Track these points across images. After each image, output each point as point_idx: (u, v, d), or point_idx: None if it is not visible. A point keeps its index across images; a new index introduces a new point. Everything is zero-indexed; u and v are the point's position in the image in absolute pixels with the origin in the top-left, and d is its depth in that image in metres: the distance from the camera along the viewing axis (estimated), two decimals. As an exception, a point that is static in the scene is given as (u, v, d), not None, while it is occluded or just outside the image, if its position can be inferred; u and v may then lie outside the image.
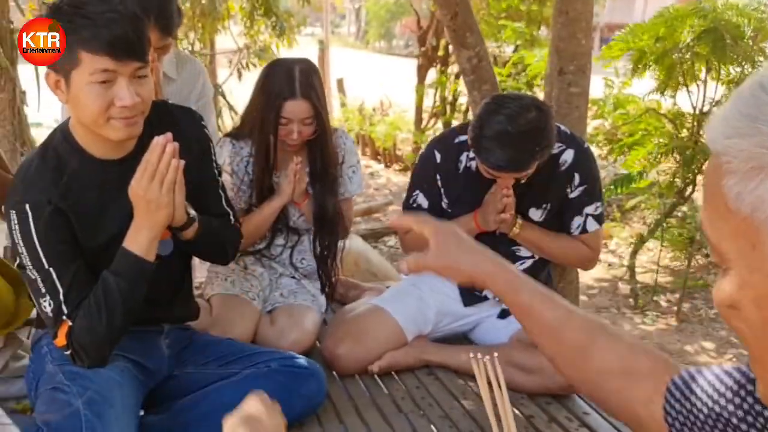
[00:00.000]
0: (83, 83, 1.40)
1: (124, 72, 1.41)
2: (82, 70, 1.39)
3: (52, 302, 1.47)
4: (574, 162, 2.07)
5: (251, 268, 2.31)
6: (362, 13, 27.77)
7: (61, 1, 1.43)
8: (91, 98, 1.41)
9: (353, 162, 2.34)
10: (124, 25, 1.39)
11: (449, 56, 7.16)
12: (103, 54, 1.38)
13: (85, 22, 1.37)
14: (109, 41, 1.37)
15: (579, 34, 2.49)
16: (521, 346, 2.10)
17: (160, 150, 1.45)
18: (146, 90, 1.47)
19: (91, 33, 1.37)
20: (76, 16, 1.38)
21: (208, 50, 6.44)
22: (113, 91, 1.41)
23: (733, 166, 0.49)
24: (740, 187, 0.48)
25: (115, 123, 1.44)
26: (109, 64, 1.39)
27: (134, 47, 1.41)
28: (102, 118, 1.43)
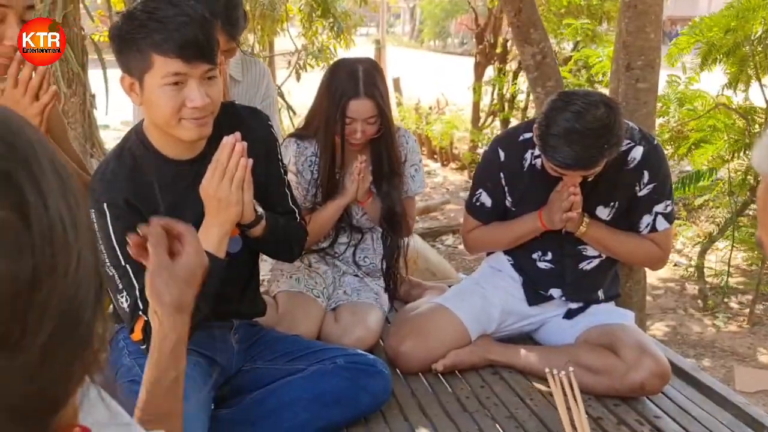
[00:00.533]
0: (156, 86, 1.45)
1: (194, 74, 1.45)
2: (155, 73, 1.44)
3: (128, 298, 1.53)
4: (643, 159, 2.02)
5: (315, 266, 2.34)
6: (417, 12, 27.74)
7: (135, 7, 1.48)
8: (164, 100, 1.46)
9: (415, 160, 2.35)
10: (194, 29, 1.43)
11: (507, 53, 7.08)
12: (175, 57, 1.42)
13: (157, 26, 1.42)
14: (180, 44, 1.41)
15: (648, 28, 2.42)
16: (588, 347, 2.07)
17: (229, 149, 1.48)
18: (215, 91, 1.51)
19: (163, 37, 1.41)
20: (149, 20, 1.42)
21: (267, 52, 6.54)
22: (184, 92, 1.46)
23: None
24: None
25: (186, 123, 1.49)
26: (180, 66, 1.43)
27: (204, 50, 1.45)
28: (174, 119, 1.48)
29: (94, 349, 0.45)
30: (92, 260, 0.45)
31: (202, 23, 1.46)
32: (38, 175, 0.42)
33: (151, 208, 1.56)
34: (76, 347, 0.43)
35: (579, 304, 2.18)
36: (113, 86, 3.12)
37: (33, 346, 0.40)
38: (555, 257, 2.16)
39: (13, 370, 0.39)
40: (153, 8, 1.44)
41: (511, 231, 2.15)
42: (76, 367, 0.44)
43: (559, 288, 2.18)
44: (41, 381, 0.41)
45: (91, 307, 0.44)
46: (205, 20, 1.47)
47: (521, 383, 2.07)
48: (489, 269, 2.31)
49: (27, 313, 0.40)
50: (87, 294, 0.43)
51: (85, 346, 0.44)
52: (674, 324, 4.16)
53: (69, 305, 0.42)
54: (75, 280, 0.42)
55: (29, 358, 0.40)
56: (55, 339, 0.41)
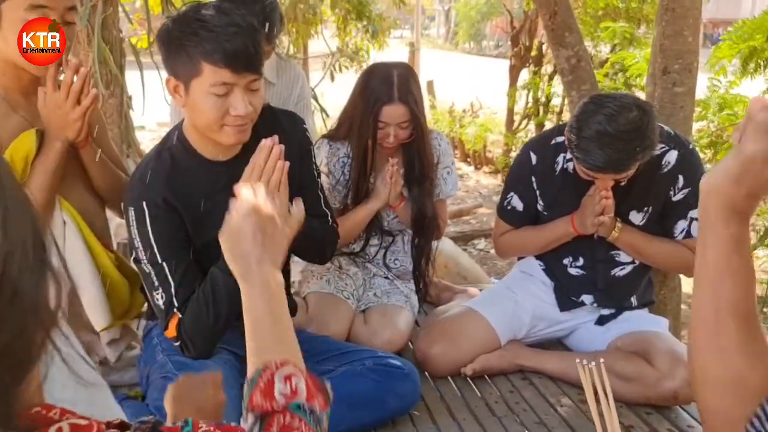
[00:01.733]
0: (202, 92, 1.48)
1: (240, 83, 1.48)
2: (203, 81, 1.47)
3: (164, 295, 1.56)
4: (678, 163, 1.99)
5: (346, 268, 2.35)
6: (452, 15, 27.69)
7: (185, 12, 1.50)
8: (208, 107, 1.49)
9: (448, 163, 2.35)
10: (244, 39, 1.45)
11: (543, 56, 7.02)
12: (224, 66, 1.45)
13: (209, 35, 1.44)
14: (231, 55, 1.44)
15: (686, 31, 2.39)
16: (620, 353, 2.04)
17: (267, 152, 1.50)
18: (258, 100, 1.54)
19: (214, 46, 1.44)
20: (201, 28, 1.45)
21: (302, 54, 6.60)
22: (229, 101, 1.49)
23: None
24: None
25: (227, 129, 1.52)
26: (228, 77, 1.46)
27: (252, 61, 1.48)
28: (216, 125, 1.52)
29: (49, 312, 0.45)
30: (26, 221, 0.45)
31: (251, 33, 1.48)
32: None
33: (189, 208, 1.59)
34: (25, 312, 0.43)
35: (611, 311, 2.16)
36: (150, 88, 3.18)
37: None
38: (587, 263, 2.14)
39: None
40: (204, 16, 1.46)
41: (542, 235, 2.14)
42: (30, 332, 0.44)
43: (591, 294, 2.15)
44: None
45: (33, 269, 0.44)
46: (254, 30, 1.49)
47: (551, 389, 2.05)
48: (520, 274, 2.30)
49: None
50: (25, 255, 0.44)
51: (35, 309, 0.44)
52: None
53: (4, 269, 0.42)
54: (6, 243, 0.43)
55: None
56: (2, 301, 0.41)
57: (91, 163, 1.78)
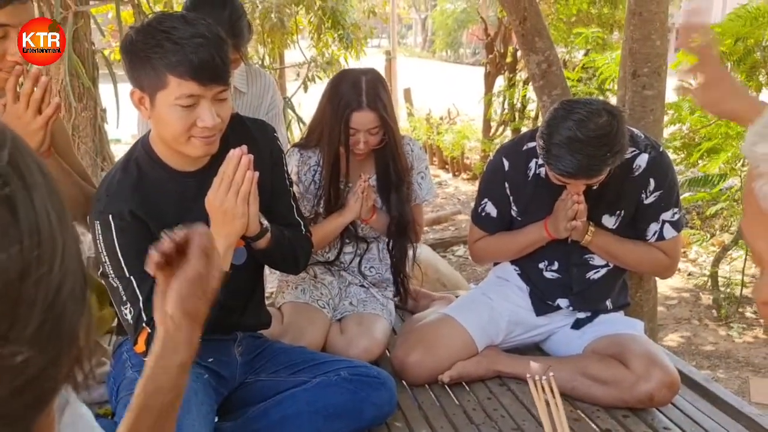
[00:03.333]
0: (168, 104, 1.46)
1: (207, 95, 1.46)
2: (168, 93, 1.45)
3: (132, 310, 1.53)
4: (648, 166, 2.00)
5: (321, 277, 2.33)
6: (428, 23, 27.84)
7: (149, 23, 1.47)
8: (175, 119, 1.47)
9: (422, 168, 2.34)
10: (210, 50, 1.43)
11: (517, 63, 7.08)
12: (190, 79, 1.42)
13: (174, 47, 1.41)
14: (197, 67, 1.42)
15: (654, 35, 2.41)
16: (596, 357, 2.04)
17: (236, 162, 1.49)
18: (226, 111, 1.52)
19: (180, 58, 1.41)
20: (165, 40, 1.42)
21: (278, 64, 6.58)
22: (196, 112, 1.46)
23: (760, 170, 0.52)
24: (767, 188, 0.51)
25: (195, 141, 1.50)
26: (195, 89, 1.44)
27: (219, 72, 1.46)
28: (183, 137, 1.49)
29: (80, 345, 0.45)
30: (76, 255, 0.45)
31: (218, 44, 1.45)
32: (24, 171, 0.43)
33: (156, 220, 1.56)
34: (62, 341, 0.43)
35: (587, 314, 2.16)
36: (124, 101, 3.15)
37: (21, 338, 0.40)
38: (561, 267, 2.14)
39: (1, 362, 0.40)
40: (169, 27, 1.43)
41: (517, 241, 2.14)
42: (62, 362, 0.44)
43: (566, 298, 2.16)
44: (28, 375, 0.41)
45: (77, 301, 0.45)
46: (221, 40, 1.47)
47: (529, 395, 2.03)
48: (496, 279, 2.29)
49: (15, 305, 0.40)
50: (73, 287, 0.44)
51: (72, 340, 0.44)
52: (689, 334, 4.11)
53: (55, 297, 0.42)
54: (61, 273, 0.43)
55: (17, 350, 0.40)
56: (43, 331, 0.41)
57: (55, 175, 1.74)
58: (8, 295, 0.40)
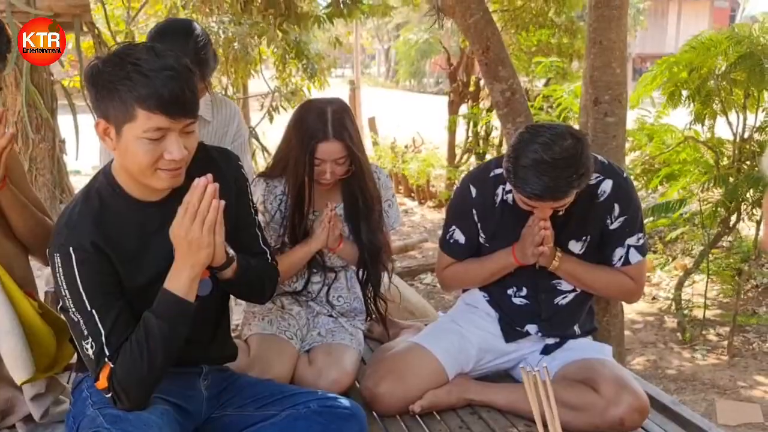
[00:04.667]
0: (135, 137, 1.42)
1: (175, 128, 1.43)
2: (136, 126, 1.41)
3: (94, 344, 1.48)
4: (613, 192, 2.03)
5: (288, 308, 2.30)
6: (391, 53, 28.17)
7: (116, 53, 1.44)
8: (142, 151, 1.43)
9: (388, 196, 2.34)
10: (180, 83, 1.40)
11: (480, 91, 7.19)
12: (159, 112, 1.39)
13: (143, 80, 1.38)
14: (167, 101, 1.39)
15: (613, 63, 2.47)
16: (566, 383, 2.04)
17: (201, 191, 1.46)
18: (193, 142, 1.50)
19: (149, 92, 1.38)
20: (134, 72, 1.39)
21: (241, 94, 6.57)
22: (163, 145, 1.43)
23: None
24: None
25: (161, 174, 1.47)
26: (164, 122, 1.41)
27: (188, 105, 1.43)
28: (150, 170, 1.46)
29: None
30: None
31: (187, 76, 1.43)
32: None
33: (119, 251, 1.52)
34: None
35: (556, 340, 2.17)
36: (84, 131, 3.10)
37: None
38: (530, 292, 2.14)
39: None
40: (137, 59, 1.40)
41: (485, 267, 2.14)
42: None
43: (535, 324, 2.16)
44: None
45: None
46: (189, 72, 1.44)
47: (500, 422, 2.03)
48: (464, 306, 2.29)
49: None
50: None
51: None
52: (654, 358, 4.15)
53: None
54: None
55: None
56: None
57: (10, 207, 1.69)
58: None
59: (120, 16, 5.62)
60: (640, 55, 22.06)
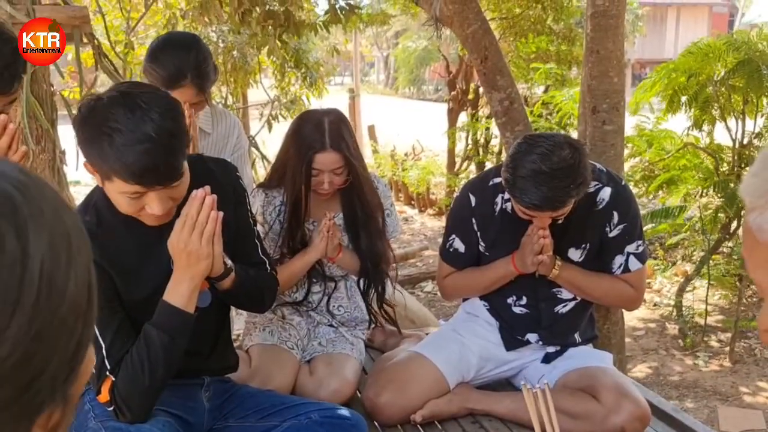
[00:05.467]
0: (115, 192, 1.43)
1: (155, 190, 1.42)
2: (114, 186, 1.41)
3: (94, 358, 1.48)
4: (611, 200, 2.03)
5: (289, 318, 2.30)
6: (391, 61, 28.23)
7: (97, 109, 1.37)
8: (123, 205, 1.44)
9: (387, 205, 2.34)
10: (155, 156, 1.35)
11: (479, 99, 7.20)
12: (133, 183, 1.38)
13: (115, 154, 1.34)
14: (138, 175, 1.36)
15: (611, 72, 2.48)
16: (567, 392, 2.04)
17: (199, 202, 1.46)
18: (179, 192, 1.47)
19: (119, 166, 1.35)
20: (108, 144, 1.34)
21: (240, 103, 6.58)
22: (145, 200, 1.43)
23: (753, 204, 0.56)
24: (760, 219, 0.55)
25: (147, 217, 1.48)
26: (140, 188, 1.40)
27: (165, 176, 1.39)
28: (135, 214, 1.48)
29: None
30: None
31: (165, 145, 1.36)
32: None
33: (118, 266, 1.53)
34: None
35: (556, 348, 2.17)
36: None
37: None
38: (530, 301, 2.15)
39: None
40: (111, 129, 1.34)
41: (485, 276, 2.14)
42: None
43: (536, 332, 2.16)
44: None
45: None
46: (170, 139, 1.37)
47: (501, 430, 2.03)
48: (465, 315, 2.29)
49: None
50: None
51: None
52: (656, 365, 4.14)
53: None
54: None
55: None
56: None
57: None
58: None
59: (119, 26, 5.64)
60: (639, 60, 22.10)
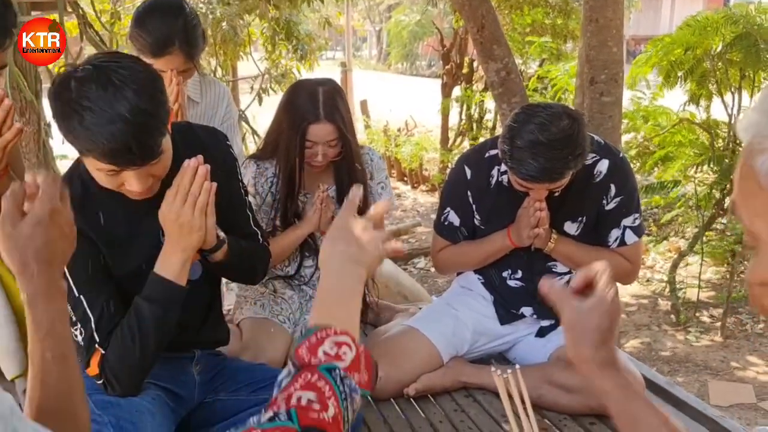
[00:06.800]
0: (92, 168, 1.38)
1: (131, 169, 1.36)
2: (90, 162, 1.36)
3: (83, 330, 1.45)
4: (609, 172, 2.00)
5: (281, 292, 2.27)
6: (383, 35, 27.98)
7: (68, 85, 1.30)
8: (103, 179, 1.39)
9: (381, 178, 2.31)
10: (126, 138, 1.28)
11: (473, 73, 7.14)
12: (106, 162, 1.32)
13: (86, 134, 1.28)
14: (110, 156, 1.30)
15: (610, 42, 2.44)
16: (562, 364, 2.02)
17: (191, 173, 1.42)
18: (160, 168, 1.41)
19: (91, 147, 1.29)
20: (78, 123, 1.27)
21: (230, 77, 6.48)
22: (122, 176, 1.37)
23: (764, 145, 0.51)
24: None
25: (129, 192, 1.43)
26: (114, 167, 1.34)
27: (138, 157, 1.33)
28: (115, 189, 1.42)
29: None
30: None
31: (138, 127, 1.29)
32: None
33: (106, 237, 1.49)
34: None
35: (551, 322, 2.15)
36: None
37: None
38: (525, 275, 2.12)
39: None
40: (84, 106, 1.27)
41: (480, 249, 2.12)
42: None
43: (530, 306, 2.14)
44: None
45: None
46: (143, 121, 1.30)
47: (495, 405, 2.01)
48: (459, 289, 2.27)
49: None
50: None
51: None
52: (648, 340, 4.16)
53: None
54: None
55: None
56: None
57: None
58: None
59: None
60: (634, 37, 21.96)
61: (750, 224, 0.56)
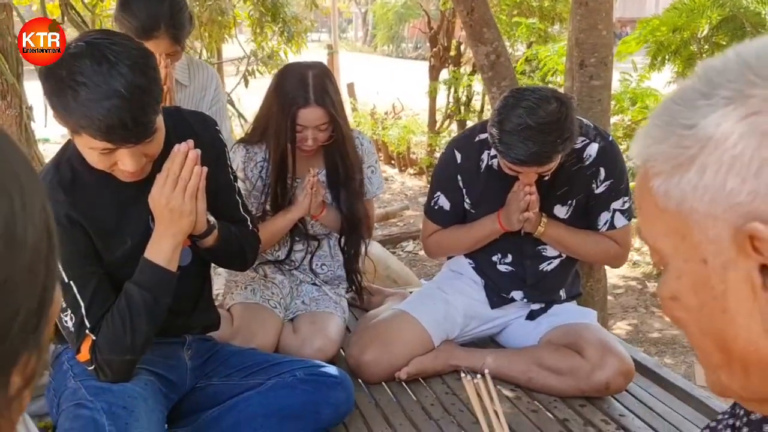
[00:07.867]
0: (85, 147, 1.36)
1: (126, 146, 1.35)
2: (83, 141, 1.34)
3: (73, 316, 1.44)
4: (598, 156, 2.01)
5: (271, 276, 2.27)
6: (369, 17, 27.75)
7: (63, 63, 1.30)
8: (95, 159, 1.38)
9: (372, 162, 2.30)
10: (123, 113, 1.27)
11: (461, 56, 7.10)
12: (101, 139, 1.31)
13: (81, 110, 1.27)
14: (106, 132, 1.29)
15: (600, 25, 2.43)
16: (552, 347, 2.05)
17: (182, 157, 1.42)
18: (153, 148, 1.41)
19: (86, 123, 1.28)
20: (72, 99, 1.27)
21: (215, 59, 6.40)
22: (116, 155, 1.37)
23: (657, 169, 0.54)
24: (666, 185, 0.53)
25: (120, 173, 1.42)
26: (109, 145, 1.33)
27: (135, 134, 1.32)
28: (108, 170, 1.42)
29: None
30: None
31: (134, 103, 1.28)
32: None
33: (95, 223, 1.48)
34: None
35: (541, 305, 2.16)
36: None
37: None
38: (515, 259, 2.13)
39: None
40: (78, 81, 1.26)
41: (470, 234, 2.12)
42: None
43: (521, 290, 2.15)
44: None
45: None
46: (138, 98, 1.29)
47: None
48: (450, 273, 2.27)
49: None
50: None
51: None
52: (636, 322, 4.19)
53: None
54: None
55: None
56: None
57: None
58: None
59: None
60: (620, 19, 21.94)
61: (654, 243, 0.58)
